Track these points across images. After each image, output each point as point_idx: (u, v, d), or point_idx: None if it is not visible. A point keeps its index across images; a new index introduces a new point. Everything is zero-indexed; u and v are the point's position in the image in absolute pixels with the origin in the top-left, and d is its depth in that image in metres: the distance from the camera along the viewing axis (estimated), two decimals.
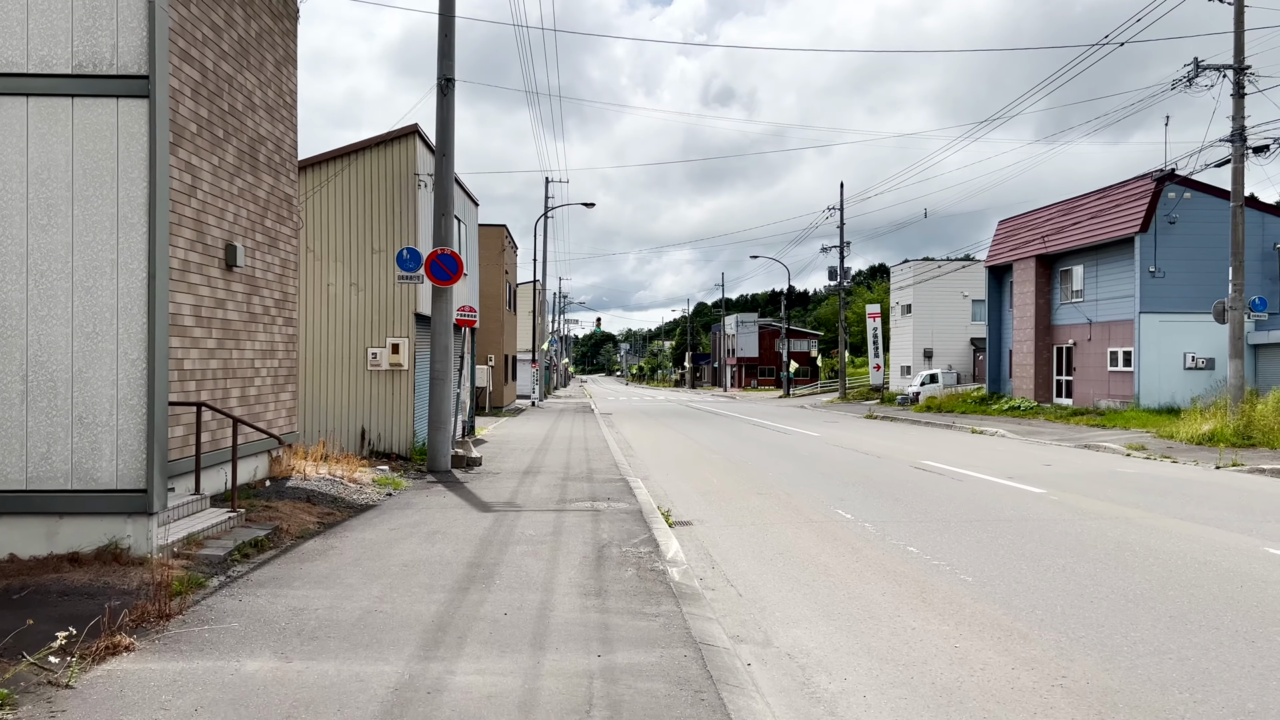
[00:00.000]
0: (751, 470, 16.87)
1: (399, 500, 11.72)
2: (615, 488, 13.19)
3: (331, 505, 10.67)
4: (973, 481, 15.00)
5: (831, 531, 10.36)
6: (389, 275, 16.33)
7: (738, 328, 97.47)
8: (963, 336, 49.60)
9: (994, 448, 22.18)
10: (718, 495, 13.52)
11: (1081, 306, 33.74)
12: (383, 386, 16.36)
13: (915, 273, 48.79)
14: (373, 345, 16.41)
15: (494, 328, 37.57)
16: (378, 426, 16.34)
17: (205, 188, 9.95)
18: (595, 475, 14.91)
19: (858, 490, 13.87)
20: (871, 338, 56.47)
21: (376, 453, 16.30)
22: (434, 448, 14.93)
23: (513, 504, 11.48)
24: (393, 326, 16.39)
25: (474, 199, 23.28)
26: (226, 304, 10.58)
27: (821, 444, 23.01)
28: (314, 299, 16.40)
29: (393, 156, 16.47)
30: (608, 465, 16.68)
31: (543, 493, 12.62)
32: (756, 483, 14.97)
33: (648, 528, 9.77)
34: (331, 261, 16.45)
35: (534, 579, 7.31)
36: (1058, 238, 34.02)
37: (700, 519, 11.37)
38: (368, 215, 16.45)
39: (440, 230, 14.96)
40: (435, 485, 13.35)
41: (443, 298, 14.99)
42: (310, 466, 12.91)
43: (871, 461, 18.44)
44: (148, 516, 6.96)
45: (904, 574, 8.22)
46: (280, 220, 12.36)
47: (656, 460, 19.03)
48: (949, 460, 18.62)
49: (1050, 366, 36.17)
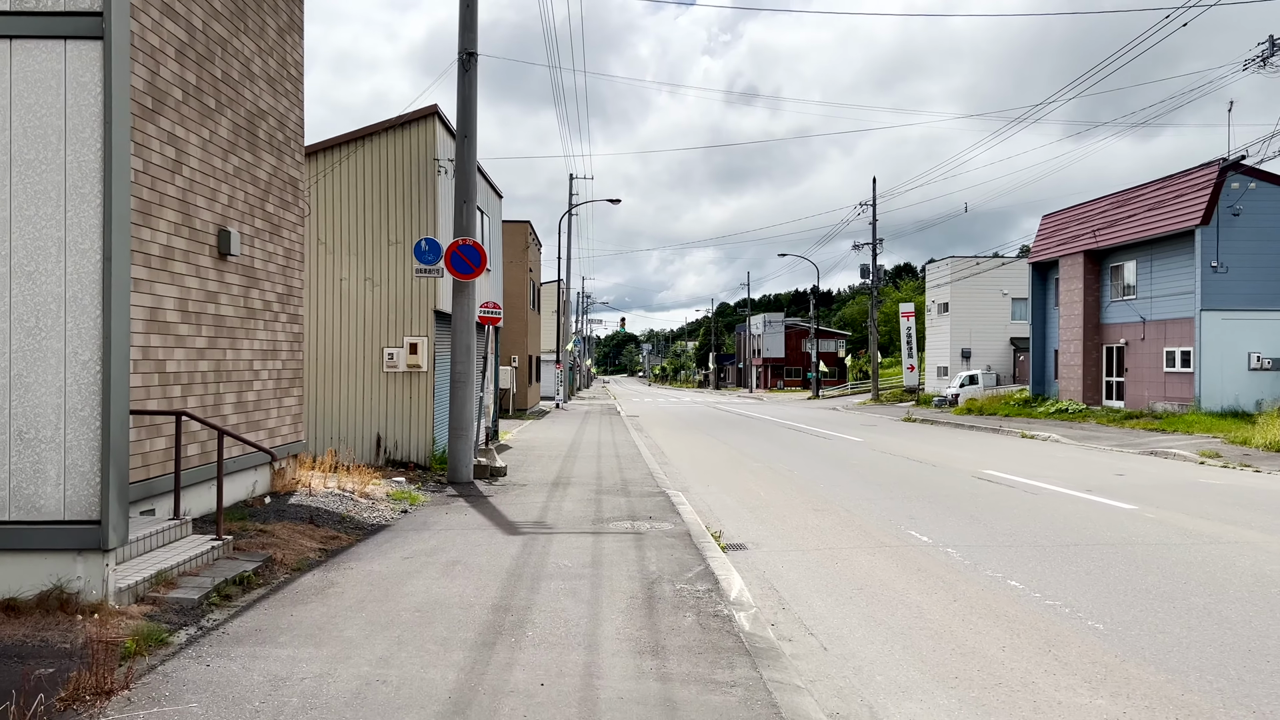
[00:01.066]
0: (799, 481, 15.47)
1: (415, 519, 10.41)
2: (655, 504, 11.84)
3: (338, 526, 9.38)
4: (1048, 495, 13.53)
5: (911, 559, 8.96)
6: (406, 269, 15.06)
7: (764, 327, 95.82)
8: (1002, 336, 47.78)
9: (1052, 454, 20.65)
10: (769, 511, 12.14)
11: (1134, 304, 32.04)
12: (400, 390, 15.09)
13: (953, 270, 47.04)
14: (389, 345, 15.15)
15: (518, 327, 36.33)
16: (394, 433, 15.07)
17: (193, 164, 8.69)
18: (631, 487, 13.56)
19: (925, 506, 12.44)
20: (905, 337, 54.77)
21: (393, 462, 15.03)
22: (455, 457, 13.63)
23: (542, 524, 10.15)
24: (411, 325, 15.12)
25: (498, 190, 22.00)
26: (219, 297, 9.31)
27: (867, 450, 21.55)
28: (325, 295, 15.15)
29: (410, 140, 15.19)
30: (642, 475, 15.34)
31: (575, 509, 11.29)
32: (808, 496, 13.58)
33: (700, 556, 8.41)
34: (344, 254, 15.19)
35: (574, 629, 5.97)
36: (1110, 232, 32.32)
37: (755, 541, 10.00)
38: (383, 204, 15.18)
39: (461, 219, 13.67)
40: (456, 500, 12.05)
41: (464, 293, 13.69)
42: (318, 479, 11.65)
43: (928, 470, 16.99)
44: (102, 553, 5.68)
45: (1017, 618, 6.81)
46: (284, 205, 11.11)
47: (693, 469, 17.66)
48: (1011, 469, 17.13)
49: (1099, 367, 34.47)
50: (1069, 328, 35.42)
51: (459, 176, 13.68)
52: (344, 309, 15.20)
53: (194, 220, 8.72)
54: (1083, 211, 34.97)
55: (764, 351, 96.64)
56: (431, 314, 15.20)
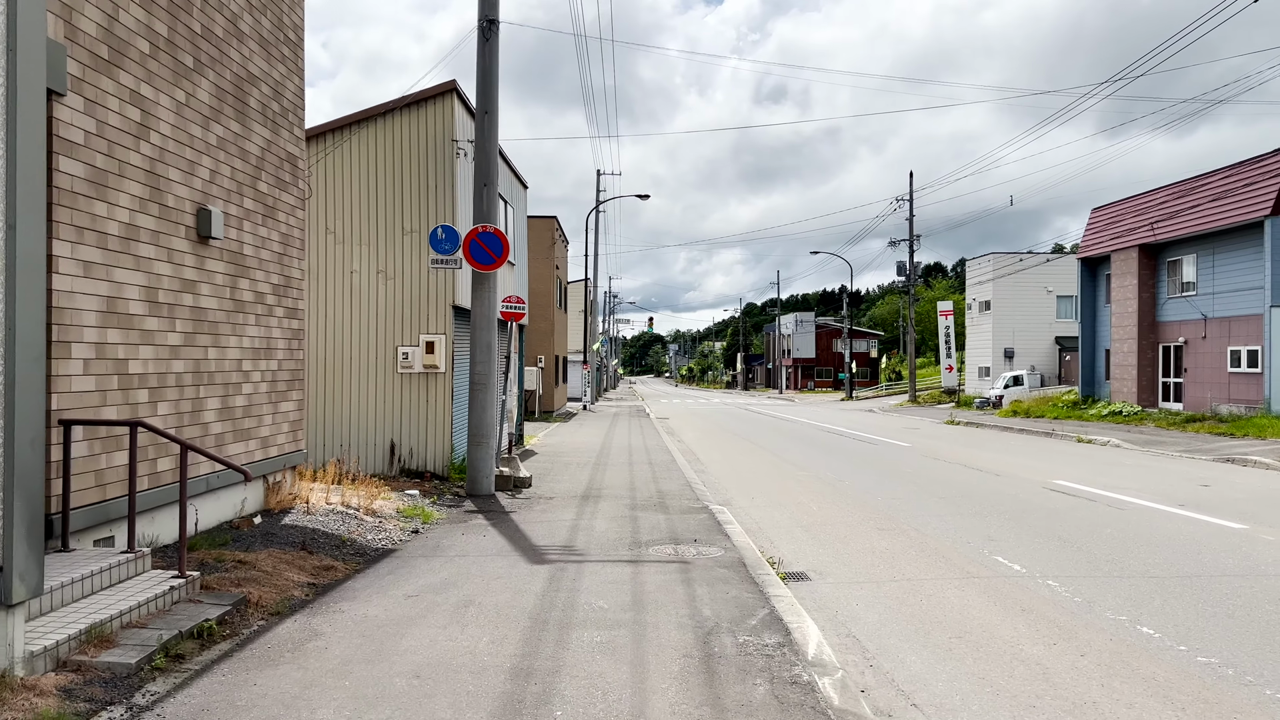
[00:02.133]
0: (853, 493, 14.05)
1: (426, 542, 9.11)
2: (699, 522, 10.47)
3: (335, 552, 8.09)
4: (1136, 510, 12.04)
5: (1010, 595, 7.54)
6: (422, 260, 13.78)
7: (794, 327, 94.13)
8: (1046, 335, 45.91)
9: (1118, 461, 19.06)
10: (827, 531, 10.74)
11: (1194, 300, 30.26)
12: (415, 392, 13.82)
13: (995, 266, 45.21)
14: (404, 344, 13.88)
15: (544, 327, 35.07)
16: (409, 440, 13.80)
17: (164, 129, 7.43)
18: (669, 501, 12.21)
19: (1003, 525, 10.99)
20: (943, 337, 52.96)
21: (408, 471, 13.76)
22: (474, 467, 12.33)
23: (571, 549, 8.81)
24: (427, 321, 13.85)
25: (522, 180, 20.72)
26: (199, 287, 8.06)
27: (917, 456, 20.06)
28: (334, 289, 13.91)
29: (427, 120, 13.91)
30: (679, 486, 13.98)
31: (609, 529, 9.95)
32: (867, 511, 12.16)
33: (761, 594, 7.04)
34: (355, 244, 13.93)
35: (615, 707, 4.62)
36: (1169, 224, 30.53)
37: (818, 569, 8.61)
38: (397, 190, 13.92)
39: (482, 203, 12.37)
40: (474, 517, 10.74)
41: (485, 286, 12.39)
42: (320, 493, 10.39)
43: (991, 481, 15.50)
44: (4, 610, 4.40)
45: (1173, 684, 5.39)
46: (280, 185, 9.85)
47: (734, 478, 16.27)
48: (1081, 478, 15.60)
49: (1155, 367, 32.68)
50: (1122, 326, 33.66)
51: (479, 156, 12.38)
52: (354, 304, 13.95)
53: (165, 196, 7.47)
54: (1137, 204, 33.20)
55: (794, 352, 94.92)
56: (450, 310, 13.92)
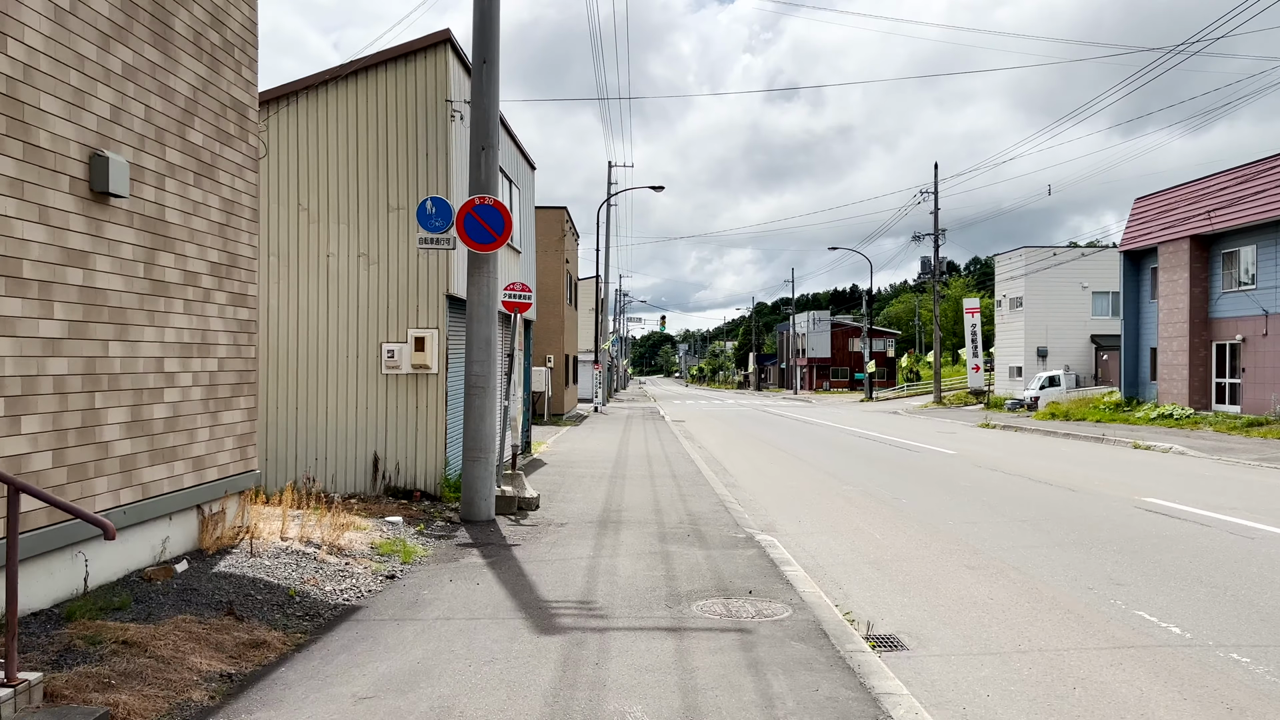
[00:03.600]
0: (914, 513, 11.98)
1: (402, 593, 7.07)
2: (747, 561, 8.42)
3: (274, 615, 6.06)
4: (1268, 539, 9.96)
5: (1191, 677, 5.47)
6: (410, 242, 11.76)
7: (809, 326, 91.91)
8: (1081, 333, 43.66)
9: (1197, 472, 16.94)
10: (903, 569, 8.68)
11: (1255, 295, 28.05)
12: (403, 397, 11.80)
13: (1028, 261, 42.97)
14: (389, 340, 11.86)
15: (553, 324, 33.05)
16: (396, 453, 11.77)
17: (34, 42, 5.42)
18: (704, 527, 10.17)
19: (1119, 561, 8.90)
20: (970, 335, 50.76)
21: (394, 490, 11.73)
22: (470, 488, 10.29)
23: (590, 605, 6.76)
24: (417, 313, 11.83)
25: (529, 159, 18.69)
26: (93, 261, 6.05)
27: (969, 466, 17.96)
28: (307, 275, 11.90)
29: (416, 77, 11.88)
30: (712, 506, 11.94)
31: (636, 572, 7.90)
32: (942, 539, 10.09)
33: (863, 688, 4.98)
34: (331, 223, 11.91)
35: None
36: (1229, 212, 28.30)
37: (913, 631, 6.56)
38: (382, 159, 11.89)
39: (480, 172, 10.34)
40: (468, 552, 8.71)
41: (483, 270, 10.36)
42: (275, 523, 8.37)
43: (1067, 497, 13.40)
44: None
45: None
46: (222, 138, 7.83)
47: (770, 494, 14.21)
48: (1172, 494, 13.50)
49: (1207, 367, 30.47)
50: (1171, 323, 31.46)
51: (476, 115, 10.34)
52: (331, 294, 11.92)
53: (35, 134, 5.46)
54: (1190, 191, 30.99)
55: (809, 351, 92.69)
56: (443, 300, 11.88)
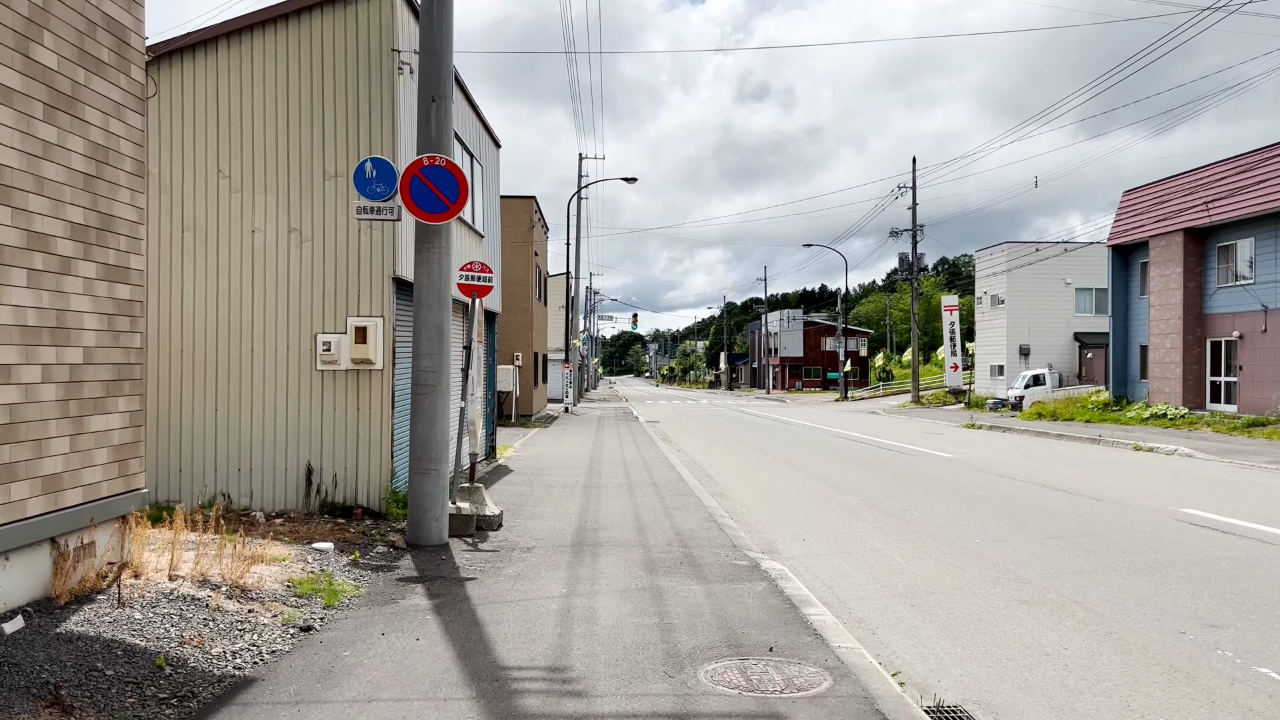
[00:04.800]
0: (931, 529, 10.46)
1: (314, 656, 5.40)
2: (757, 599, 6.82)
3: (120, 702, 4.38)
4: None
5: None
6: (351, 216, 10.04)
7: (781, 325, 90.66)
8: (1065, 331, 42.56)
9: (1221, 477, 15.61)
10: (942, 604, 7.13)
11: (1253, 289, 26.93)
12: (342, 397, 10.09)
13: (1010, 257, 41.77)
14: (326, 330, 10.14)
15: (522, 320, 31.31)
16: (334, 463, 10.05)
17: None
18: (696, 550, 8.57)
19: (1195, 591, 7.42)
20: (949, 334, 49.57)
21: (332, 507, 10.00)
22: (418, 505, 8.60)
23: (564, 674, 5.12)
24: (359, 299, 10.12)
25: (494, 136, 17.00)
26: None
27: (972, 472, 16.51)
28: (229, 253, 10.14)
29: (357, 21, 10.16)
30: (702, 522, 10.36)
31: (620, 616, 6.28)
32: (975, 563, 8.57)
33: None
34: (257, 192, 10.16)
35: None
36: (1228, 203, 27.14)
37: (989, 702, 5.01)
38: (317, 120, 10.16)
39: (430, 126, 8.67)
40: (411, 591, 7.04)
41: (433, 245, 8.68)
42: (165, 557, 6.65)
43: (1095, 508, 11.96)
44: None
45: None
46: (88, 64, 6.11)
47: (763, 504, 12.65)
48: (1211, 504, 12.11)
49: (1201, 365, 29.37)
50: (1163, 319, 30.34)
51: (425, 60, 8.66)
52: (258, 275, 10.18)
53: None
54: (1183, 183, 29.87)
55: (781, 350, 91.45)
56: (390, 284, 10.18)
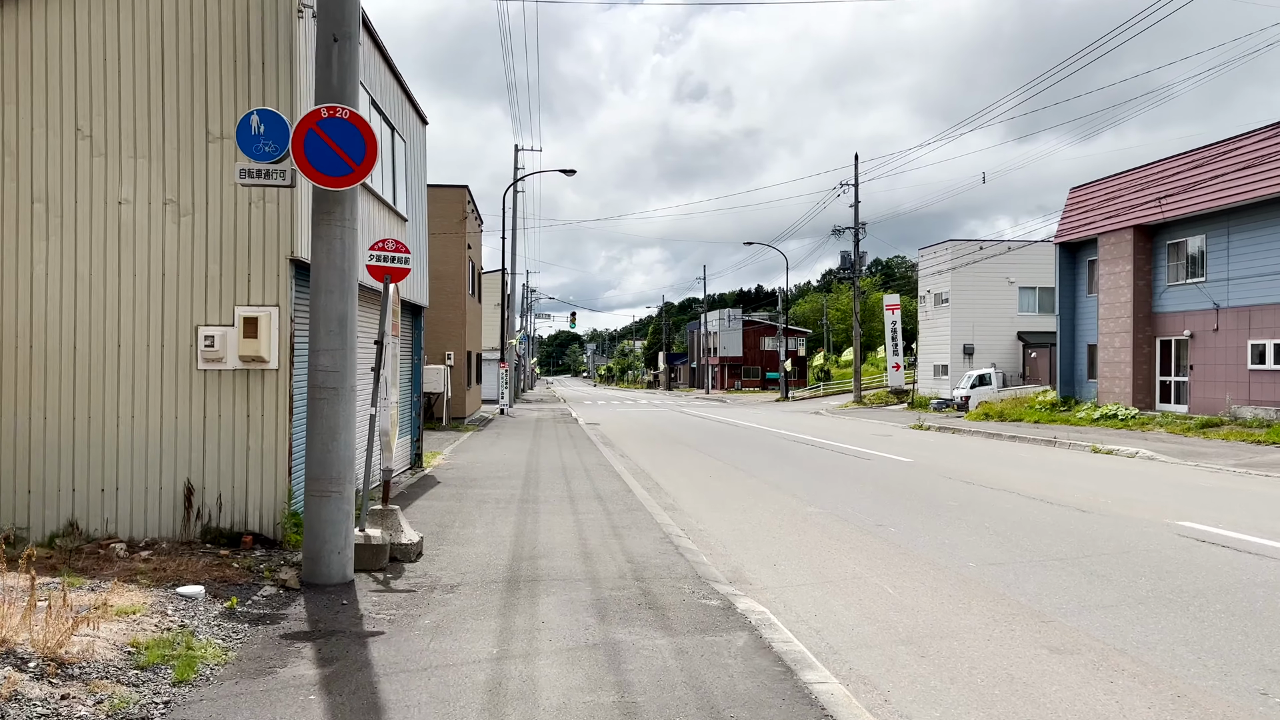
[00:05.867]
0: (912, 548, 9.18)
1: None
2: (740, 659, 5.42)
3: None
4: None
5: None
6: (240, 186, 8.41)
7: (723, 325, 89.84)
8: (1008, 330, 42.16)
9: (1196, 483, 14.72)
10: (955, 652, 5.82)
11: (1205, 287, 26.46)
12: (229, 402, 8.45)
13: (954, 255, 41.21)
14: (209, 322, 8.49)
15: (454, 318, 29.56)
16: (219, 481, 8.41)
17: None
18: (653, 583, 7.16)
19: (1251, 632, 6.23)
20: (890, 333, 49.03)
21: (216, 533, 8.35)
22: (315, 536, 7.02)
23: None
24: (249, 285, 8.49)
25: (421, 112, 15.37)
26: None
27: (937, 478, 15.38)
28: (89, 228, 8.42)
29: None
30: (656, 543, 8.95)
31: (568, 693, 4.82)
32: (980, 594, 7.30)
33: None
34: (125, 157, 8.46)
35: None
36: (1184, 199, 26.59)
37: None
38: (199, 71, 8.50)
39: (331, 71, 7.09)
40: (295, 655, 5.49)
41: (334, 218, 7.11)
42: None
43: (1085, 522, 10.84)
44: None
45: None
46: None
47: (722, 519, 11.27)
48: (1206, 516, 11.10)
49: (1151, 364, 28.90)
50: (1112, 318, 29.82)
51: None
52: (125, 256, 8.47)
53: None
54: (1133, 179, 29.35)
55: (720, 350, 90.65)
56: (287, 267, 8.56)
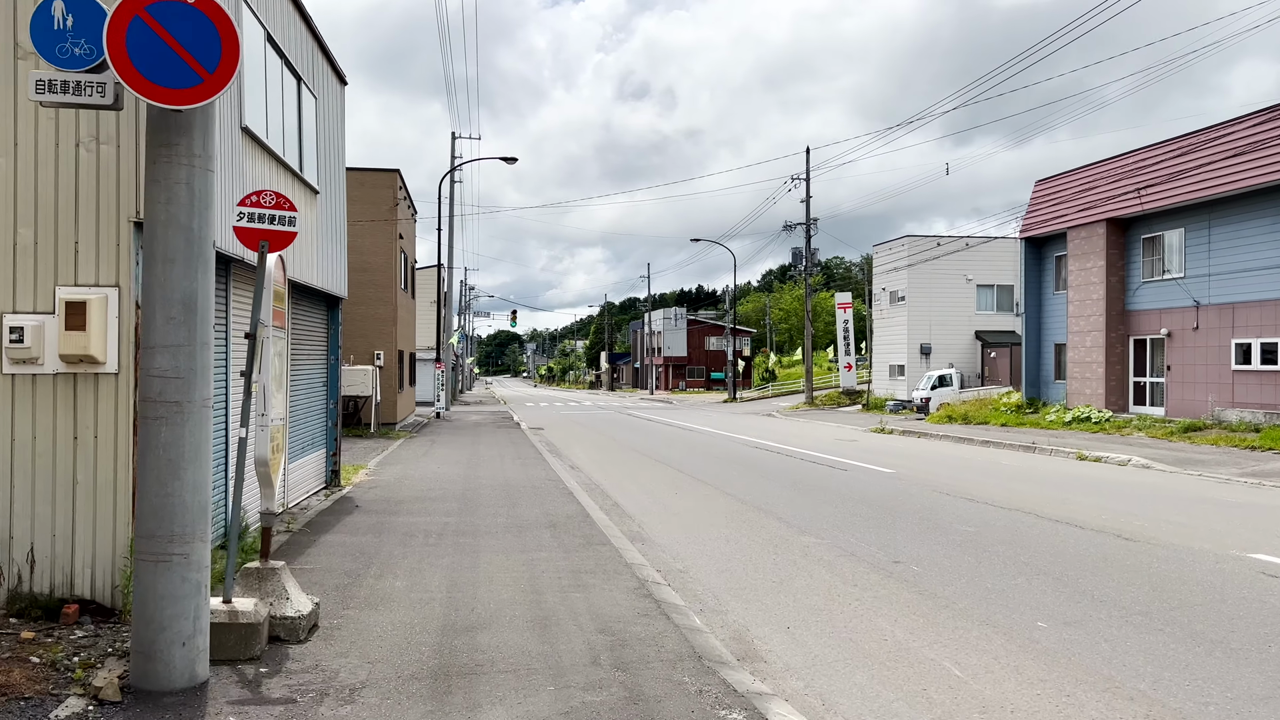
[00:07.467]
0: (957, 602, 7.25)
1: None
2: None
3: None
4: None
5: None
6: (63, 125, 6.11)
7: (668, 324, 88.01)
8: (966, 329, 40.89)
9: (1219, 497, 13.13)
10: None
11: (1184, 284, 25.20)
12: (47, 418, 6.16)
13: (911, 251, 39.80)
14: (18, 308, 6.19)
15: (383, 314, 27.07)
16: (34, 529, 6.12)
17: None
18: (636, 671, 5.06)
19: None
20: (842, 333, 47.59)
21: (29, 601, 6.04)
22: (148, 619, 4.76)
23: None
24: (74, 258, 6.21)
25: (340, 71, 13.06)
26: None
27: (933, 494, 13.53)
28: None
29: None
30: (629, 597, 6.87)
31: None
32: (1067, 672, 5.36)
33: None
34: None
35: None
36: (1165, 189, 25.27)
37: None
38: None
39: None
40: None
41: (176, 154, 4.86)
42: None
43: (1140, 556, 9.04)
44: None
45: None
46: None
47: (702, 551, 9.21)
48: (1269, 545, 9.37)
49: (1124, 365, 27.65)
50: (1083, 316, 28.51)
51: None
52: None
53: None
54: (1107, 169, 28.05)
55: (665, 350, 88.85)
56: (130, 232, 6.26)
